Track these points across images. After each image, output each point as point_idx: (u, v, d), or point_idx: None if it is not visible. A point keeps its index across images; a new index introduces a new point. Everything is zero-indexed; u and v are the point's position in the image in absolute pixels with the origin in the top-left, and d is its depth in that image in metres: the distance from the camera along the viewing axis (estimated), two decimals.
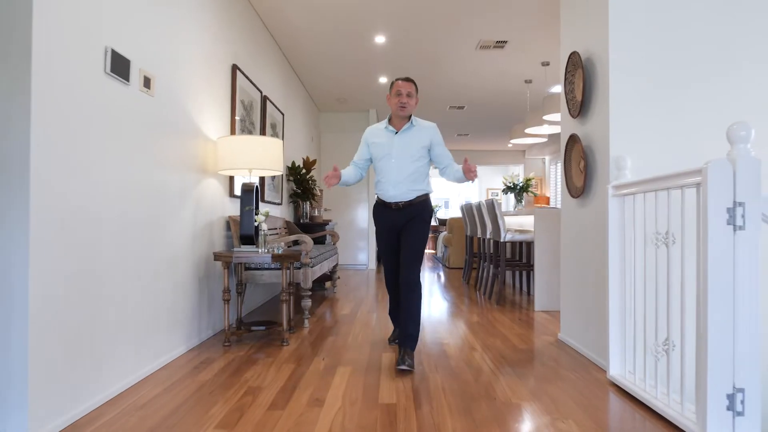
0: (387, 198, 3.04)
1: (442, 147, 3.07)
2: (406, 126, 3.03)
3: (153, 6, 2.76)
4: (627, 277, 2.50)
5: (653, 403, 2.17)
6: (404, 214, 3.02)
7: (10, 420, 1.79)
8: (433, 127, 3.07)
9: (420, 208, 3.02)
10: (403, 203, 3.01)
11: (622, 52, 2.86)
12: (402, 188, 3.00)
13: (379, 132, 3.12)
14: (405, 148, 3.00)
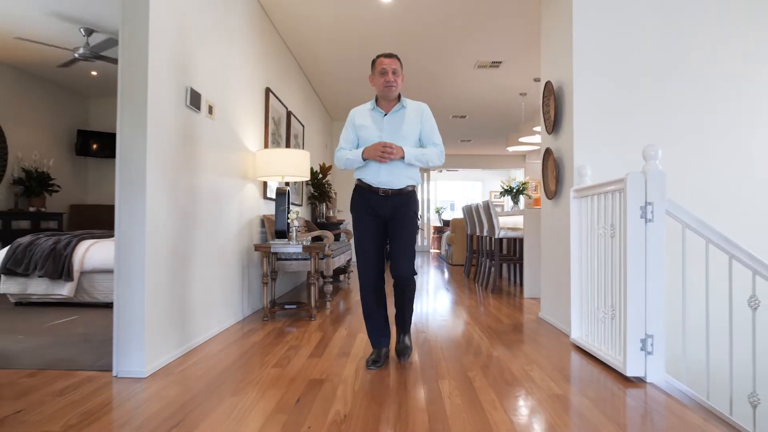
0: (375, 183, 2.75)
1: (431, 129, 2.83)
2: (396, 107, 2.79)
3: (213, 47, 3.52)
4: (584, 262, 3.22)
5: (597, 353, 2.90)
6: (391, 202, 2.76)
7: (132, 358, 2.54)
8: (425, 107, 2.86)
9: (408, 199, 2.79)
10: (392, 191, 2.75)
11: (584, 83, 3.59)
12: (392, 174, 2.73)
13: (366, 114, 2.84)
14: (396, 130, 2.75)
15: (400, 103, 2.80)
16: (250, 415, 2.04)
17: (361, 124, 2.82)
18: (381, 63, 2.74)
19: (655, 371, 2.51)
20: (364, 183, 2.81)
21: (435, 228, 15.67)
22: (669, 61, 3.60)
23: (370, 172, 2.77)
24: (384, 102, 2.82)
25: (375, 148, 2.65)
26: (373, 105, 2.84)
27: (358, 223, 2.82)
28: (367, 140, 2.78)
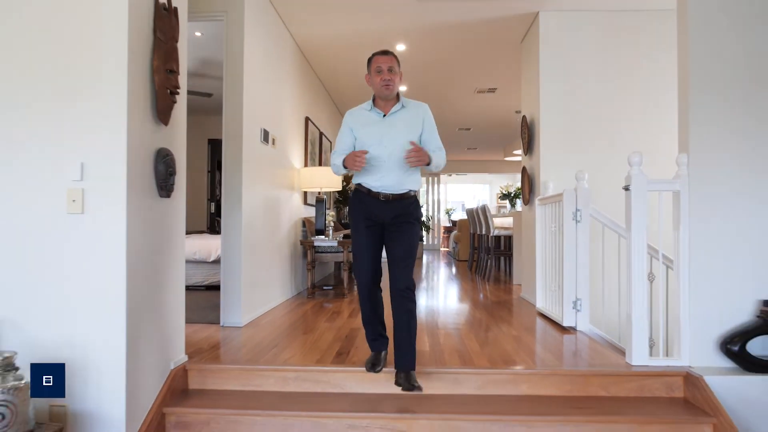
0: (374, 188, 2.63)
1: (433, 131, 2.72)
2: (396, 107, 2.66)
3: (272, 91, 4.80)
4: (544, 252, 4.43)
5: (549, 314, 4.13)
6: (391, 208, 2.63)
7: (233, 315, 3.83)
8: (425, 107, 2.74)
9: (409, 205, 2.67)
10: (393, 195, 2.62)
11: (548, 117, 4.81)
12: (393, 178, 2.61)
13: (363, 115, 2.70)
14: (396, 132, 2.62)
15: (399, 103, 2.67)
16: (318, 343, 3.32)
17: (359, 127, 2.68)
18: (377, 61, 2.63)
19: (582, 322, 3.74)
20: (363, 187, 2.67)
21: (445, 228, 16.89)
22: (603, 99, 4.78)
23: (368, 177, 2.64)
24: (382, 102, 2.68)
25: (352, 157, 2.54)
26: (370, 105, 2.70)
27: (354, 231, 2.71)
28: (366, 143, 2.64)
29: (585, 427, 2.45)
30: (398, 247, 2.63)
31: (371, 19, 5.05)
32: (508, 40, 5.58)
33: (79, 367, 2.22)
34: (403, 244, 2.63)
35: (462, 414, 2.50)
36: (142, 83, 2.37)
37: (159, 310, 2.56)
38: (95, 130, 2.24)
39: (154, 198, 2.50)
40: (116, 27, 2.24)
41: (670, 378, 2.74)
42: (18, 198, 2.25)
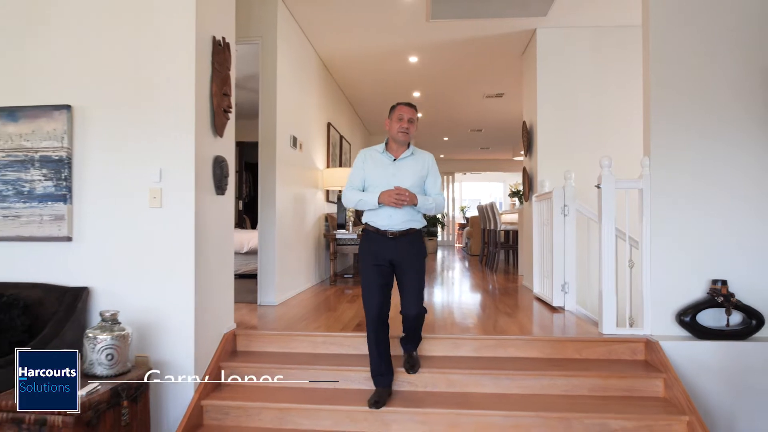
0: (382, 226, 2.81)
1: (435, 178, 2.95)
2: (406, 153, 2.89)
3: (299, 100, 5.43)
4: (540, 243, 4.99)
5: (541, 296, 4.70)
6: (398, 244, 2.81)
7: (268, 295, 4.48)
8: (430, 156, 2.97)
9: (414, 239, 2.87)
10: (399, 232, 2.81)
11: (544, 123, 5.37)
12: (399, 217, 2.80)
13: (376, 157, 2.92)
14: (403, 175, 2.84)
15: (409, 150, 2.90)
16: (340, 318, 3.95)
17: (370, 167, 2.89)
18: (400, 110, 2.87)
19: (569, 303, 4.29)
20: (371, 227, 2.86)
21: (459, 225, 17.42)
22: (594, 107, 5.32)
23: (376, 216, 2.83)
24: (394, 146, 2.91)
25: (390, 194, 2.74)
26: (383, 148, 2.93)
27: (363, 269, 2.88)
28: (374, 183, 2.85)
29: (558, 380, 3.03)
30: (409, 281, 2.84)
31: (386, 36, 5.66)
32: (510, 53, 6.14)
33: (158, 328, 2.88)
34: (413, 277, 2.84)
35: (458, 369, 3.10)
36: (204, 104, 3.01)
37: (216, 286, 3.20)
38: (171, 143, 2.89)
39: (213, 195, 3.14)
40: (187, 62, 2.89)
41: (633, 344, 3.30)
42: (117, 197, 2.91)
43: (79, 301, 2.82)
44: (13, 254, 2.95)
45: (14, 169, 2.94)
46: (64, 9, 2.98)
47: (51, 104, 2.93)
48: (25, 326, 2.66)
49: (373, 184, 2.87)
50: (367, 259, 2.86)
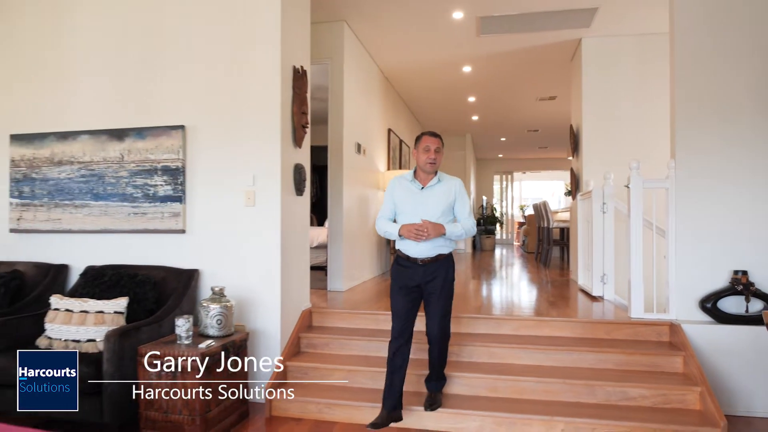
0: (412, 253, 2.92)
1: (463, 204, 3.01)
2: (433, 181, 2.96)
3: (363, 109, 6.08)
4: (584, 238, 5.38)
5: (584, 287, 5.10)
6: (427, 270, 2.91)
7: (337, 283, 5.16)
8: (458, 183, 3.03)
9: (442, 265, 2.95)
10: (428, 259, 2.91)
11: (589, 126, 5.74)
12: (427, 245, 2.89)
13: (405, 185, 3.01)
14: (431, 204, 2.92)
15: (436, 178, 2.97)
16: None
17: (399, 195, 2.99)
18: (426, 140, 2.95)
19: (608, 292, 4.68)
20: (402, 253, 2.98)
21: (519, 223, 17.61)
22: (636, 111, 5.62)
23: (406, 244, 2.94)
24: (422, 175, 2.98)
25: (409, 229, 2.84)
26: (411, 177, 3.01)
27: (392, 294, 3.01)
28: (403, 210, 2.97)
29: (586, 355, 3.49)
30: (435, 305, 2.96)
31: (440, 50, 6.21)
32: (559, 59, 6.52)
33: (252, 303, 3.59)
34: (440, 302, 2.96)
35: (499, 344, 3.63)
36: (287, 122, 3.70)
37: (296, 271, 3.88)
38: (261, 153, 3.59)
39: (293, 196, 3.83)
40: (273, 88, 3.58)
41: (659, 327, 3.70)
42: (221, 198, 3.65)
43: (192, 280, 3.58)
44: (143, 243, 3.76)
45: (142, 177, 3.75)
46: (178, 49, 3.75)
47: (170, 125, 3.71)
48: (154, 298, 3.44)
49: (402, 212, 2.98)
50: (396, 284, 2.99)
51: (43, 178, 3.96)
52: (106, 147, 3.81)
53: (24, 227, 4.01)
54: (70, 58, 3.95)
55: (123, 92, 3.84)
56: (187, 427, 2.84)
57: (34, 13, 4.05)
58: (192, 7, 3.74)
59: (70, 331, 3.12)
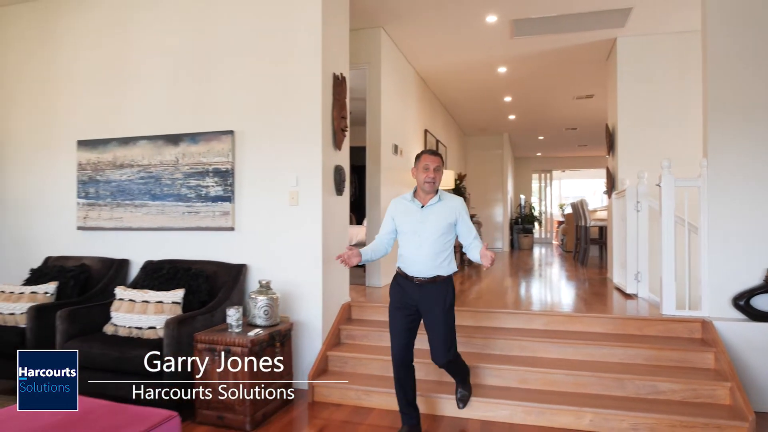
0: (410, 272, 2.88)
1: (467, 223, 2.92)
2: (433, 200, 2.90)
3: (399, 111, 6.27)
4: (619, 237, 5.42)
5: (618, 285, 5.14)
6: (424, 291, 2.86)
7: (374, 278, 5.37)
8: (459, 202, 2.95)
9: (440, 287, 2.87)
10: (426, 279, 2.85)
11: (624, 126, 5.76)
12: (425, 264, 2.84)
13: (404, 205, 2.97)
14: (430, 223, 2.85)
15: (436, 197, 2.91)
16: None
17: (398, 215, 2.97)
18: (425, 159, 2.90)
19: (642, 290, 4.73)
20: (401, 271, 2.94)
21: (558, 222, 17.45)
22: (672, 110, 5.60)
23: (404, 262, 2.92)
24: (422, 194, 2.93)
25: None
26: (411, 196, 2.97)
27: (390, 312, 2.96)
28: (403, 230, 2.92)
29: (616, 350, 3.58)
30: (436, 329, 2.88)
31: (475, 52, 6.34)
32: (595, 59, 6.54)
33: (296, 296, 3.84)
34: (439, 326, 2.87)
35: (530, 338, 3.76)
36: (327, 126, 3.93)
37: (336, 267, 4.11)
38: (304, 156, 3.84)
39: (334, 196, 4.06)
40: (315, 95, 3.82)
41: (691, 324, 3.75)
42: (266, 198, 3.92)
43: (240, 274, 3.86)
44: (196, 240, 4.07)
45: (195, 179, 4.06)
46: (227, 61, 4.04)
47: (220, 130, 4.00)
48: (207, 290, 3.73)
49: (402, 232, 2.94)
50: (393, 302, 2.96)
51: (106, 180, 4.32)
52: (162, 151, 4.14)
53: (90, 225, 4.38)
54: (131, 71, 4.31)
55: (178, 101, 4.16)
56: (237, 408, 3.11)
57: (99, 34, 4.43)
58: (238, 22, 4.02)
59: (133, 319, 3.45)
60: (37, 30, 4.64)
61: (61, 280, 4.01)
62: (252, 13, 4.00)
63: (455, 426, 3.20)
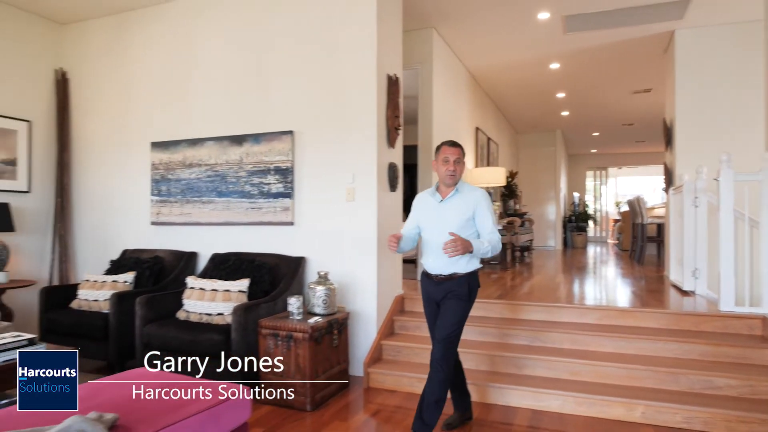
0: (430, 269, 2.83)
1: (484, 217, 2.76)
2: (451, 193, 2.80)
3: (451, 110, 6.37)
4: (676, 233, 5.31)
5: (675, 282, 5.05)
6: (443, 288, 2.78)
7: None
8: (479, 194, 2.80)
9: (458, 284, 2.75)
10: (443, 276, 2.77)
11: (682, 121, 5.63)
12: (443, 260, 2.73)
13: (426, 199, 2.90)
14: (448, 217, 2.75)
15: (455, 188, 2.80)
16: (486, 291, 4.81)
17: (420, 210, 2.91)
18: (445, 151, 2.79)
19: (700, 287, 4.63)
20: (425, 270, 2.89)
21: (614, 221, 16.98)
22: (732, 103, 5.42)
23: (424, 259, 2.87)
24: (443, 187, 2.84)
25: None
26: (433, 190, 2.89)
27: (424, 308, 2.96)
28: (424, 224, 2.86)
29: (671, 345, 3.56)
30: (440, 325, 2.75)
31: (527, 49, 6.35)
32: (653, 52, 6.41)
33: (352, 288, 4.03)
34: (445, 321, 2.74)
35: (582, 332, 3.79)
36: (382, 125, 4.10)
37: (390, 260, 4.27)
38: (360, 154, 4.02)
39: (388, 192, 4.22)
40: (370, 95, 3.99)
41: (751, 320, 3.67)
42: (324, 194, 4.13)
43: (300, 266, 4.08)
44: (259, 234, 4.33)
45: (258, 176, 4.32)
46: (286, 66, 4.27)
47: (281, 131, 4.25)
48: (269, 281, 3.97)
49: (425, 227, 2.87)
50: (423, 295, 2.95)
51: (176, 178, 4.66)
52: (227, 151, 4.43)
53: (161, 220, 4.74)
54: (199, 78, 4.63)
55: (241, 103, 4.44)
56: (298, 389, 3.32)
57: (168, 45, 4.78)
58: (296, 29, 4.25)
59: (203, 306, 3.73)
60: (113, 42, 5.05)
61: (138, 270, 4.37)
62: (308, 20, 4.21)
63: (506, 414, 3.29)
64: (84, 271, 4.88)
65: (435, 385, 2.69)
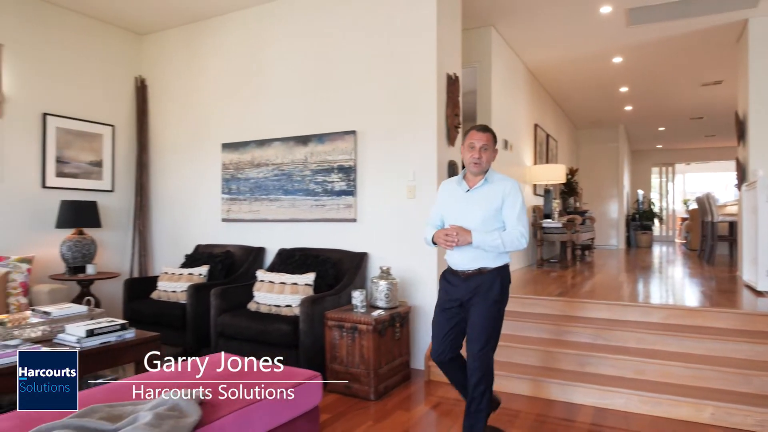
0: (454, 265, 2.61)
1: (511, 208, 2.53)
2: (479, 183, 2.58)
3: (509, 107, 6.35)
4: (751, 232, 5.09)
5: (749, 283, 4.85)
6: (469, 286, 2.55)
7: None
8: (510, 184, 2.58)
9: (487, 280, 2.52)
10: (470, 272, 2.55)
11: (755, 114, 5.38)
12: (468, 254, 2.53)
13: (452, 188, 2.69)
14: (474, 208, 2.55)
15: (483, 178, 2.58)
16: (546, 289, 4.79)
17: (444, 199, 2.71)
18: (472, 137, 2.57)
19: None
20: (448, 265, 2.68)
21: (681, 219, 16.25)
22: None
23: (451, 254, 2.63)
24: (471, 176, 2.64)
25: (438, 235, 2.54)
26: (460, 178, 2.68)
27: (436, 308, 2.73)
28: (448, 215, 2.66)
29: (742, 345, 3.45)
30: (473, 336, 2.53)
31: (588, 43, 6.24)
32: (724, 42, 6.14)
33: (413, 283, 4.13)
34: (478, 331, 2.51)
35: (647, 330, 3.73)
36: (442, 124, 4.17)
37: None
38: (420, 152, 4.11)
39: None
40: (431, 95, 4.08)
41: None
42: (385, 191, 4.25)
43: (362, 261, 4.23)
44: (322, 230, 4.52)
45: (322, 175, 4.49)
46: (349, 68, 4.42)
47: (344, 131, 4.40)
48: (333, 275, 4.14)
49: (447, 218, 2.66)
50: (438, 299, 2.73)
51: (245, 177, 4.92)
52: (293, 151, 4.63)
53: (231, 217, 5.01)
54: (266, 82, 4.86)
55: (306, 105, 4.63)
56: (363, 379, 3.46)
57: (236, 52, 5.05)
58: (359, 33, 4.39)
59: (272, 298, 3.94)
60: (186, 50, 5.38)
61: (211, 264, 4.65)
62: (370, 24, 4.34)
63: (568, 411, 3.30)
64: (161, 265, 5.23)
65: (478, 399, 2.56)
